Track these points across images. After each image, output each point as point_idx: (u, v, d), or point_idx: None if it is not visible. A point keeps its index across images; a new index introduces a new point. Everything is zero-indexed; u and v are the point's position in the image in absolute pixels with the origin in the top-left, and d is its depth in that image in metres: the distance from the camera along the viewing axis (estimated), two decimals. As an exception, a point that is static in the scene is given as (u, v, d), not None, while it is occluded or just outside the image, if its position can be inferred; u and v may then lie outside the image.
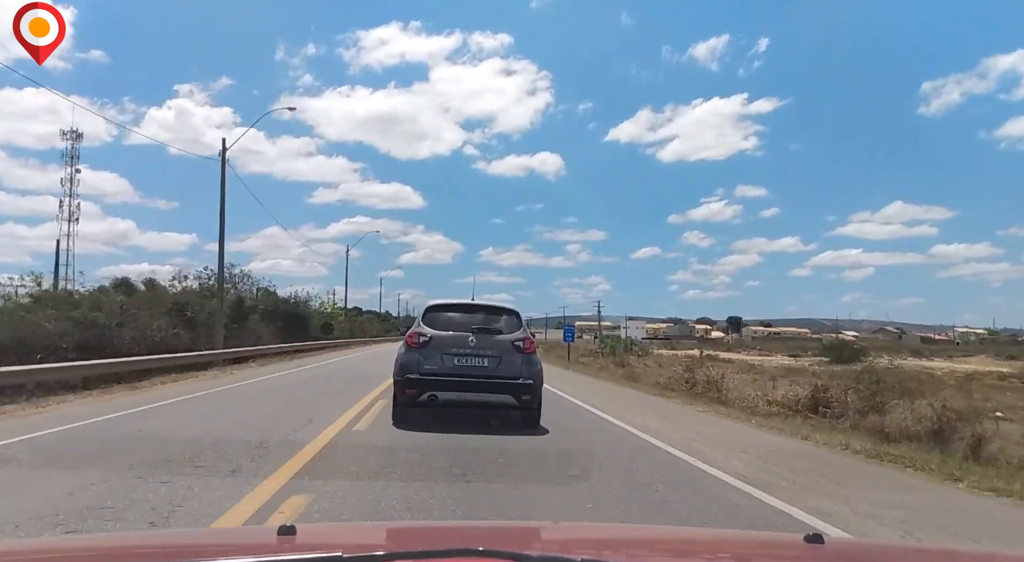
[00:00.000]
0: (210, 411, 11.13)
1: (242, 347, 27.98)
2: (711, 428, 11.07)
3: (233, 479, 5.91)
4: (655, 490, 6.15)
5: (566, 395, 15.42)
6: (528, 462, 7.39)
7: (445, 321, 9.65)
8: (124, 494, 5.27)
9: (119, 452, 7.14)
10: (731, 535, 3.37)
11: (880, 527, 5.18)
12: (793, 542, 1.90)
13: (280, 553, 1.59)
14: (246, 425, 9.35)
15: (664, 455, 8.11)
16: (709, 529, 4.51)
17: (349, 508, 5.11)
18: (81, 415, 10.33)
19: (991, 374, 39.24)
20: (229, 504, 5.08)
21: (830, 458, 8.59)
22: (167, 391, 14.68)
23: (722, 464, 7.49)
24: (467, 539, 1.95)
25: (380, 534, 2.34)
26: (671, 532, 3.21)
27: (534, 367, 9.54)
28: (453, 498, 5.51)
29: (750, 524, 5.08)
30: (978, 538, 5.05)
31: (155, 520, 4.65)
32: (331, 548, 1.66)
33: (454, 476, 6.27)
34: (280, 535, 1.64)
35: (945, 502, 6.37)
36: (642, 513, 5.34)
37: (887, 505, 5.90)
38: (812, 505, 5.76)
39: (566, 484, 6.31)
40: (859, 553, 1.99)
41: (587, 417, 11.93)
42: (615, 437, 9.56)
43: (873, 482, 7.06)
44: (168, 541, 2.22)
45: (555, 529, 2.63)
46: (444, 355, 9.33)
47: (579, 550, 1.76)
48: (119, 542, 2.25)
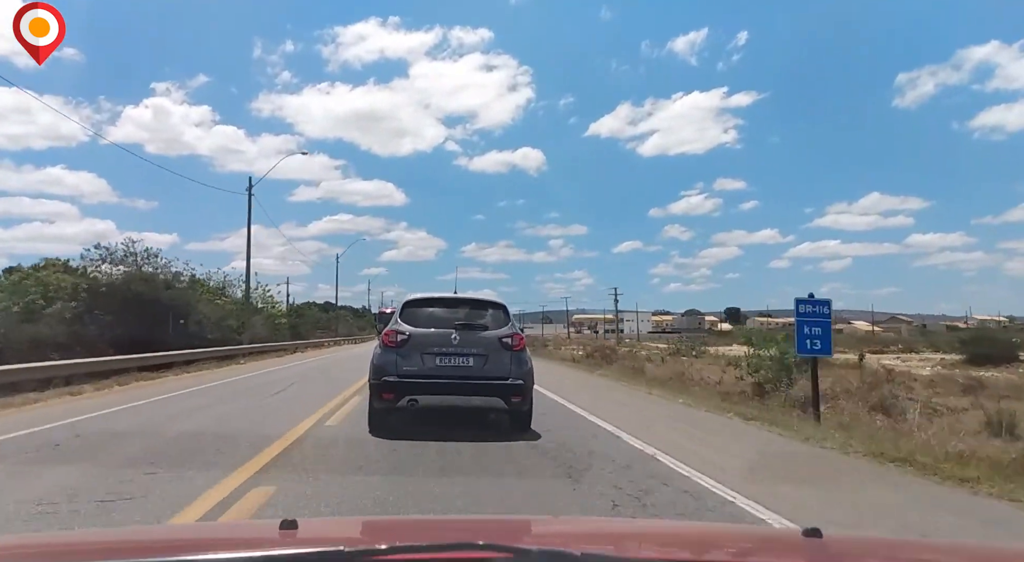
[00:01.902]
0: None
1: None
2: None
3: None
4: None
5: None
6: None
7: (426, 317, 8.88)
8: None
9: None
10: (729, 529, 3.38)
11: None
12: (791, 536, 1.90)
13: (282, 547, 1.60)
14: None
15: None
16: (707, 523, 4.52)
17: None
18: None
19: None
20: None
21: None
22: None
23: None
24: (467, 533, 1.97)
25: (381, 528, 2.36)
26: (669, 526, 3.22)
27: (524, 366, 8.76)
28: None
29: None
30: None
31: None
32: (333, 541, 1.68)
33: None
34: (282, 529, 1.65)
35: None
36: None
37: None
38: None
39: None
40: (857, 547, 2.00)
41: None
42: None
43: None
44: (169, 535, 2.23)
45: (554, 523, 2.65)
46: (424, 355, 8.54)
47: (578, 544, 1.77)
48: (120, 537, 2.26)
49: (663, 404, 13.79)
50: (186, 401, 12.68)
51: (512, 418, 8.96)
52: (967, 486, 6.27)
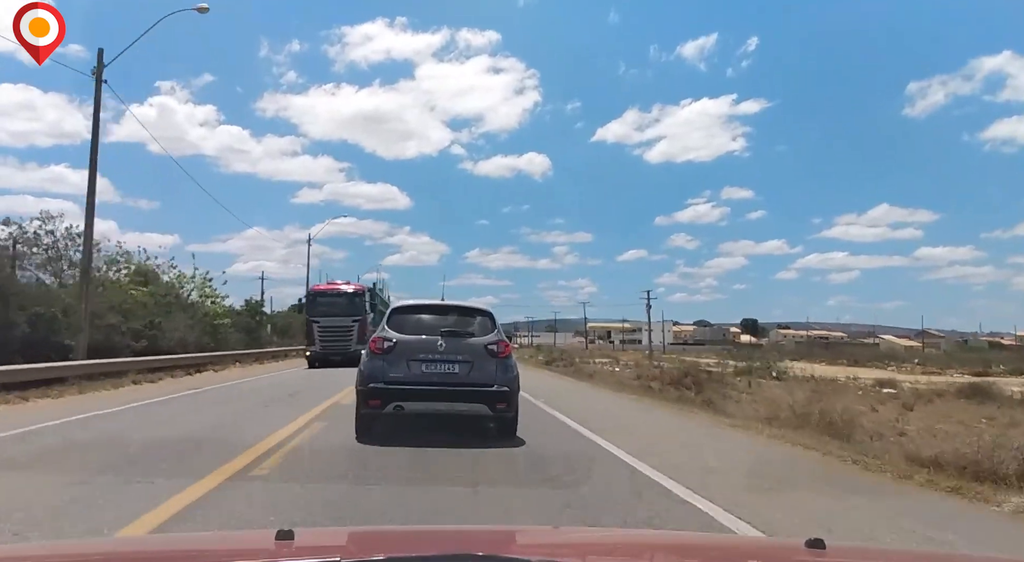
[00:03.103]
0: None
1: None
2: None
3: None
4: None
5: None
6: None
7: (413, 324, 9.00)
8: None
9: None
10: (732, 540, 3.36)
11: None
12: (794, 547, 1.88)
13: (278, 557, 1.59)
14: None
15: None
16: (710, 534, 4.48)
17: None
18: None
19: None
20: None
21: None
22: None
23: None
24: (465, 543, 1.95)
25: (378, 538, 2.34)
26: (671, 537, 3.20)
27: (510, 373, 8.87)
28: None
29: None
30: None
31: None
32: (329, 552, 1.67)
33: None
34: (278, 539, 1.63)
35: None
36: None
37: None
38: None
39: None
40: (861, 557, 1.98)
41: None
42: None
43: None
44: (165, 545, 2.21)
45: (553, 534, 2.63)
46: (411, 362, 8.64)
47: (576, 555, 1.76)
48: (115, 546, 2.25)
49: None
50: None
51: (498, 425, 9.01)
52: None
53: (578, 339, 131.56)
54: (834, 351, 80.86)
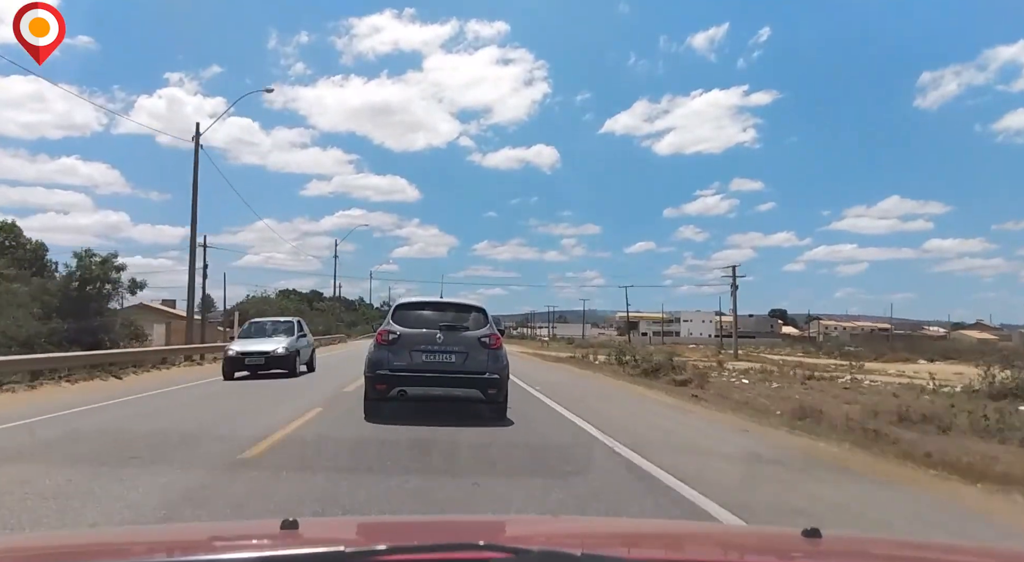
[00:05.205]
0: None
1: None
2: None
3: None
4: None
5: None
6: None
7: (414, 319, 10.07)
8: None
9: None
10: (729, 529, 3.39)
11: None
12: (791, 536, 1.90)
13: (283, 547, 1.61)
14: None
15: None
16: (708, 523, 4.51)
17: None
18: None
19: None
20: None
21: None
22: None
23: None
24: (467, 533, 1.97)
25: (382, 528, 2.37)
26: (670, 526, 3.22)
27: (500, 362, 9.93)
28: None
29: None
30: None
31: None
32: (333, 542, 1.68)
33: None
34: (283, 529, 1.65)
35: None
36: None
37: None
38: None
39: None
40: (856, 546, 2.00)
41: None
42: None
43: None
44: (170, 535, 2.23)
45: (554, 523, 2.65)
46: (413, 351, 9.71)
47: (578, 544, 1.77)
48: (122, 537, 2.26)
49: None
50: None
51: (490, 408, 10.01)
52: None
53: (597, 331, 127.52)
54: (908, 345, 67.88)
